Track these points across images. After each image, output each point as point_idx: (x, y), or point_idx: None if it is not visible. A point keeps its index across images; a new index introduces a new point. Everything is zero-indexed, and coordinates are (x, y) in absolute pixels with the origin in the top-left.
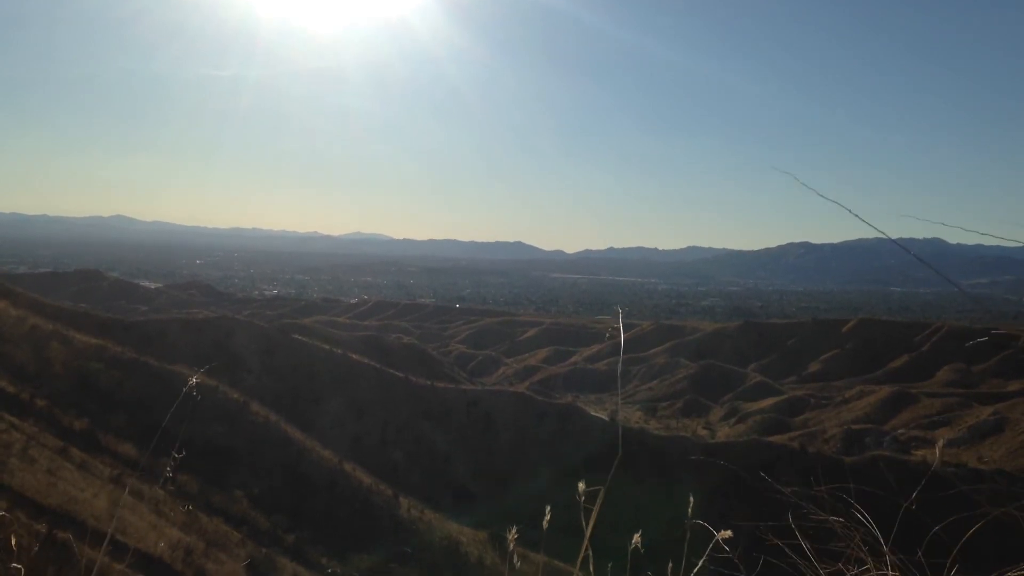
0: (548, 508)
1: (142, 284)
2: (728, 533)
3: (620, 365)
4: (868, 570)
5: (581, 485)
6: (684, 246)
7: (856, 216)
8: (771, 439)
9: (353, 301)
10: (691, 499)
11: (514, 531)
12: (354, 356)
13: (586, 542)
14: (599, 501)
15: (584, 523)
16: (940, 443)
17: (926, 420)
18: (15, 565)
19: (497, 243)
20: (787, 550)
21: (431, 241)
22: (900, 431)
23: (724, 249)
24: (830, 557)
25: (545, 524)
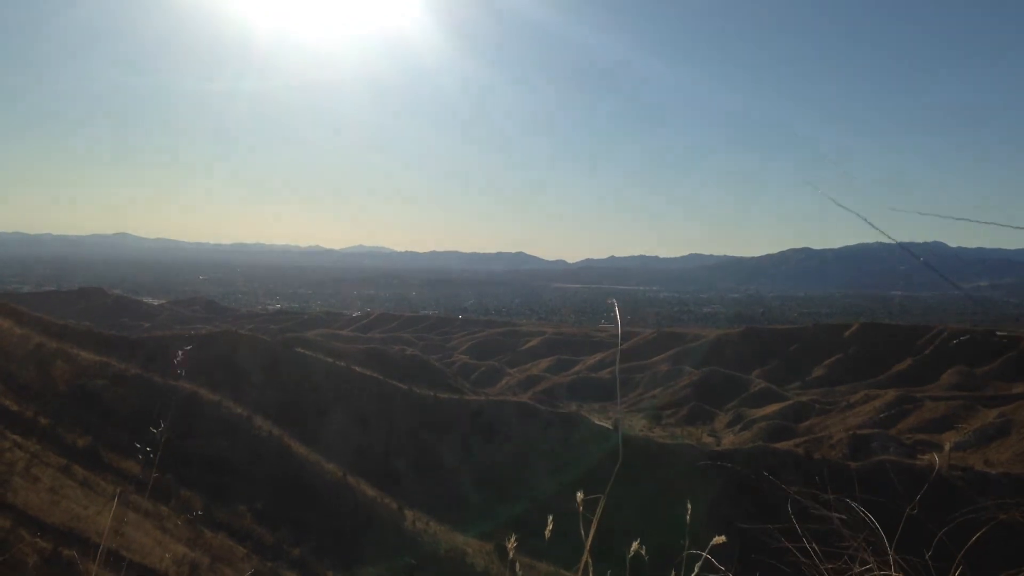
0: (551, 518)
1: (145, 301)
2: (722, 538)
3: (618, 357)
4: (871, 569)
5: (579, 495)
6: (685, 253)
7: (872, 226)
8: (777, 445)
9: (355, 314)
10: (689, 507)
11: (513, 539)
12: (357, 368)
13: (587, 551)
14: (599, 510)
15: (583, 532)
16: (947, 447)
17: (931, 424)
18: None
19: (499, 254)
20: (792, 549)
21: (433, 253)
22: (906, 435)
23: (725, 256)
24: (833, 560)
25: (547, 534)
